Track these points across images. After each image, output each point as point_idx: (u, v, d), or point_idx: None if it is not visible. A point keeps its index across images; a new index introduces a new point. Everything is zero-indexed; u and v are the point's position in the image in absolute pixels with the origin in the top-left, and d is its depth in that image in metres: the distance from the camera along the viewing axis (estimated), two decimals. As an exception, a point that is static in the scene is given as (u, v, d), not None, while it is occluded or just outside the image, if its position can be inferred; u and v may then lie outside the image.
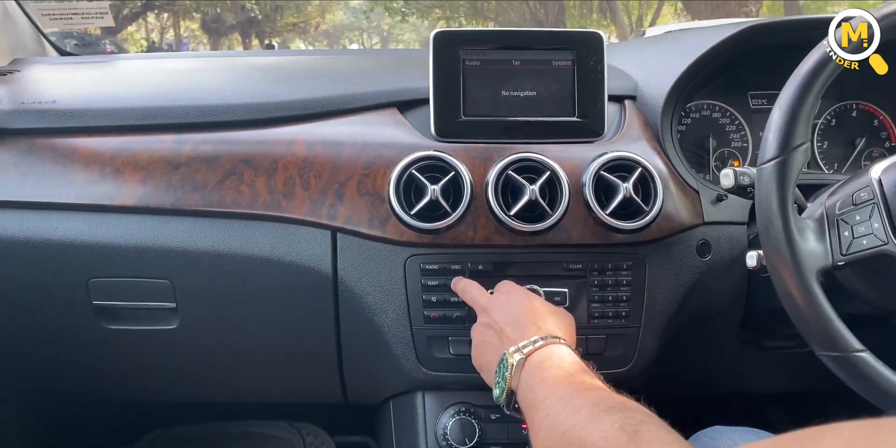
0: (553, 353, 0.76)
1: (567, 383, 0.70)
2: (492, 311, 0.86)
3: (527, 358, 0.76)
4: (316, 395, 1.18)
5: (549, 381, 0.71)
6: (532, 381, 0.73)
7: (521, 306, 0.84)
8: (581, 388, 0.69)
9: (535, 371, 0.74)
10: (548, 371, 0.73)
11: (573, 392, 0.68)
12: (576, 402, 0.66)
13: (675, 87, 1.06)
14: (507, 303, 0.86)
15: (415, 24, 19.45)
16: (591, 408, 0.63)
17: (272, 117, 1.03)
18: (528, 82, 1.02)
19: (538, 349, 0.76)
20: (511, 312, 0.84)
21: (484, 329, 0.86)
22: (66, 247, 0.98)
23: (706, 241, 1.02)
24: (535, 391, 0.72)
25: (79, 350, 1.10)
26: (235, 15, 16.93)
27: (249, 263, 0.98)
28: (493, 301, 0.88)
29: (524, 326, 0.81)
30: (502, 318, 0.84)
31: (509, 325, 0.82)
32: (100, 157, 0.99)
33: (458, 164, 0.95)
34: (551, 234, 0.96)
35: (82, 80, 1.12)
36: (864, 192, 0.79)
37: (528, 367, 0.75)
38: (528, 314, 0.83)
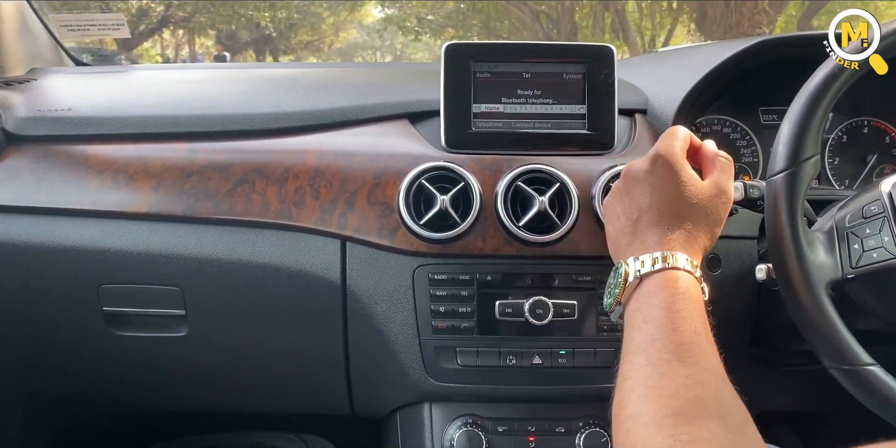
0: (667, 285, 0.70)
1: (663, 344, 0.65)
2: (628, 181, 0.79)
3: (642, 279, 0.72)
4: (323, 405, 1.18)
5: (652, 325, 0.68)
6: (639, 301, 0.71)
7: (661, 193, 0.76)
8: (674, 358, 0.64)
9: (646, 300, 0.71)
10: (656, 310, 0.69)
11: (662, 365, 0.64)
12: (656, 384, 0.62)
13: (686, 102, 1.06)
14: (645, 178, 0.77)
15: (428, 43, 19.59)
16: (666, 401, 0.60)
17: (284, 127, 1.05)
18: (538, 95, 1.03)
19: (655, 273, 0.72)
20: (644, 195, 0.77)
21: (619, 195, 0.80)
22: (78, 252, 0.99)
23: (716, 256, 1.02)
24: (639, 314, 0.69)
25: (88, 356, 1.10)
26: (250, 32, 17.13)
27: (259, 271, 0.99)
28: (633, 166, 0.80)
29: (652, 226, 0.75)
30: (635, 197, 0.77)
31: (638, 213, 0.76)
32: (113, 165, 1.00)
33: (467, 175, 0.96)
34: (560, 245, 0.96)
35: (98, 89, 1.14)
36: (874, 205, 0.78)
37: (640, 291, 0.72)
38: (663, 207, 0.75)
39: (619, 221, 0.79)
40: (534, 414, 1.01)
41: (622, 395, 0.65)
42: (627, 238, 0.77)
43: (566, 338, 0.98)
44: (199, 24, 14.79)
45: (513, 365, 0.97)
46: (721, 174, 0.79)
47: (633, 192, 0.78)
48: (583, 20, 16.24)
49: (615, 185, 0.83)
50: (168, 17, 13.03)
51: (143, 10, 11.32)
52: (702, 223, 0.76)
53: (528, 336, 0.97)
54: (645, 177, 0.78)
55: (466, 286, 0.97)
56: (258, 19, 16.16)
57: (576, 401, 1.02)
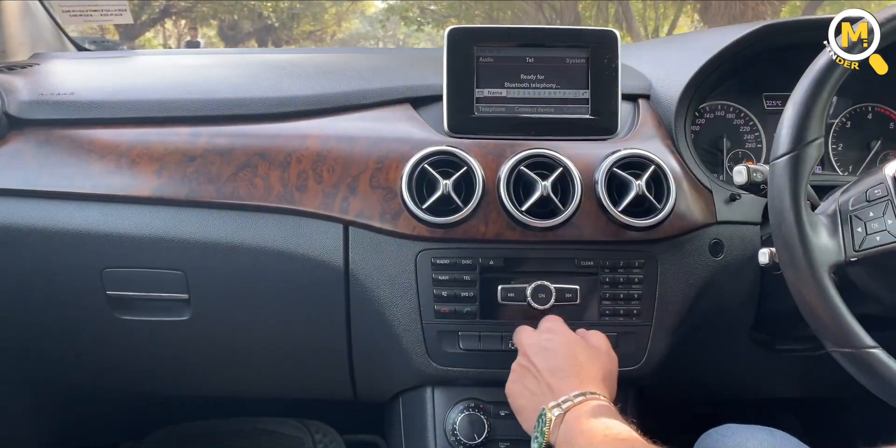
0: (592, 409, 0.76)
1: (603, 435, 0.71)
2: (531, 354, 0.86)
3: (565, 413, 0.77)
4: (326, 390, 1.18)
5: (587, 433, 0.72)
6: (570, 434, 0.74)
7: (563, 353, 0.84)
8: (617, 439, 0.70)
9: (574, 426, 0.75)
10: (586, 424, 0.74)
11: (609, 443, 0.70)
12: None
13: (689, 87, 1.06)
14: (546, 346, 0.86)
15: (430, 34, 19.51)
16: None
17: (286, 112, 1.04)
18: (541, 79, 1.03)
19: (577, 405, 0.77)
20: (551, 359, 0.84)
21: (522, 371, 0.87)
22: (81, 236, 0.99)
23: (719, 241, 1.02)
24: (573, 444, 0.73)
25: (92, 340, 1.11)
26: (252, 22, 17.06)
27: (262, 256, 0.99)
28: (532, 341, 0.88)
29: (564, 378, 0.81)
30: (542, 363, 0.84)
31: (549, 372, 0.82)
32: (116, 149, 1.00)
33: (470, 160, 0.96)
34: (563, 230, 0.96)
35: (100, 74, 1.14)
36: (878, 189, 0.78)
37: (567, 422, 0.76)
38: (569, 364, 0.83)
39: (527, 391, 0.85)
40: (536, 398, 1.01)
41: None
42: (545, 396, 0.81)
43: (568, 322, 0.97)
44: (201, 13, 14.74)
45: (515, 349, 0.97)
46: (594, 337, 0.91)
47: (537, 361, 0.85)
48: (586, 10, 16.15)
49: (514, 368, 0.89)
50: (170, 7, 12.99)
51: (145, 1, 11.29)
52: (603, 372, 0.85)
53: (530, 320, 0.97)
54: (544, 344, 0.87)
55: (469, 271, 0.97)
56: (260, 9, 16.09)
57: (578, 385, 1.02)
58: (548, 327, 0.90)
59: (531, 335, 0.90)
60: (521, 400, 0.85)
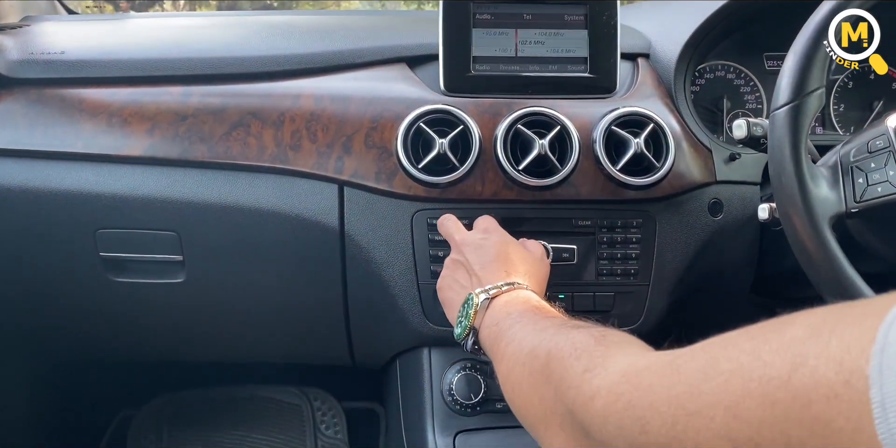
0: (519, 296, 0.75)
1: (532, 313, 0.70)
2: (465, 250, 0.85)
3: (492, 299, 0.75)
4: (323, 353, 1.18)
5: (514, 314, 0.71)
6: (496, 317, 0.73)
7: (496, 250, 0.83)
8: (546, 315, 0.69)
9: (501, 309, 0.74)
10: (513, 307, 0.73)
11: (538, 319, 0.68)
12: (542, 324, 0.66)
13: (689, 45, 1.04)
14: (481, 243, 0.84)
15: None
16: (558, 327, 0.64)
17: (279, 70, 1.03)
18: (539, 37, 1.01)
19: (504, 292, 0.76)
20: (484, 254, 0.83)
21: (455, 266, 0.86)
22: (74, 196, 0.97)
23: (718, 200, 1.01)
24: (500, 325, 0.71)
25: (86, 304, 1.10)
26: (251, 2, 16.93)
27: (256, 216, 0.98)
28: (467, 239, 0.86)
29: (494, 270, 0.80)
30: (474, 258, 0.83)
31: (480, 266, 0.81)
32: (107, 108, 0.98)
33: (466, 118, 0.94)
34: (560, 189, 0.95)
35: (91, 34, 1.12)
36: (879, 140, 0.77)
37: (493, 307, 0.75)
38: (500, 259, 0.82)
39: (456, 283, 0.84)
40: (533, 358, 1.01)
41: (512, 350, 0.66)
42: (473, 281, 0.81)
43: (565, 282, 0.97)
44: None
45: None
46: (530, 243, 0.90)
47: (470, 256, 0.83)
48: (588, -12, 15.96)
49: (446, 264, 0.88)
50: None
51: (141, -21, 11.20)
52: (532, 273, 0.82)
53: None
54: (479, 241, 0.85)
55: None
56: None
57: (575, 345, 1.02)
58: (483, 227, 0.88)
59: (465, 233, 0.88)
60: (450, 292, 0.85)
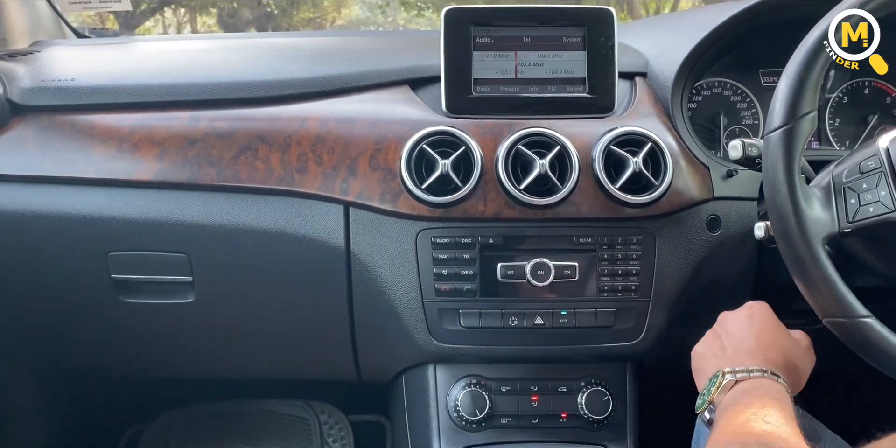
0: (762, 386, 0.75)
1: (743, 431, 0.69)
2: (727, 324, 0.86)
3: (737, 382, 0.76)
4: (329, 370, 1.20)
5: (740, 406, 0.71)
6: (730, 401, 0.74)
7: (757, 331, 0.83)
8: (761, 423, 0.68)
9: (738, 396, 0.74)
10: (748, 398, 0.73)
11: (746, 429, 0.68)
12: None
13: (685, 64, 1.06)
14: (746, 321, 0.85)
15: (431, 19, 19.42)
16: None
17: (285, 94, 1.05)
18: (538, 58, 1.03)
19: (751, 379, 0.76)
20: (746, 332, 0.83)
21: (714, 337, 0.86)
22: (85, 220, 1.00)
23: (716, 216, 1.02)
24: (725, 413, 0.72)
25: (97, 324, 1.12)
26: (252, 10, 16.95)
27: (264, 238, 1.00)
28: (735, 317, 0.87)
29: (751, 351, 0.80)
30: (735, 333, 0.83)
31: (737, 343, 0.82)
32: (117, 133, 1.01)
33: (468, 139, 0.96)
34: (561, 207, 0.97)
35: (101, 59, 1.14)
36: (871, 160, 0.79)
37: (734, 391, 0.75)
38: (759, 340, 0.81)
39: (711, 355, 0.84)
40: (536, 374, 1.03)
41: None
42: (725, 361, 0.80)
43: (567, 298, 0.99)
44: (200, 2, 14.67)
45: (515, 326, 0.99)
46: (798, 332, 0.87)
47: (731, 330, 0.84)
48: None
49: (707, 334, 0.88)
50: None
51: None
52: (791, 363, 0.81)
53: (529, 297, 0.98)
54: (744, 318, 0.85)
55: (468, 249, 0.98)
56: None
57: (577, 361, 1.04)
58: (751, 305, 0.88)
59: (734, 311, 0.88)
60: (703, 362, 0.84)
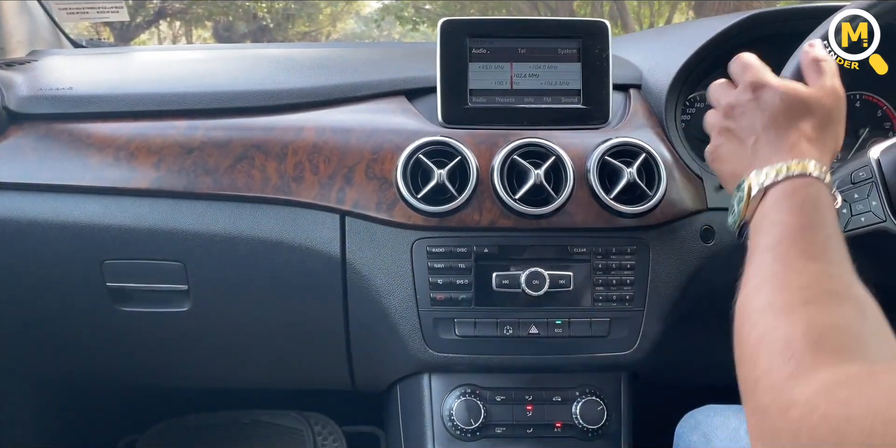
0: (795, 191, 0.65)
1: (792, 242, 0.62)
2: (734, 114, 0.74)
3: (766, 191, 0.67)
4: (324, 379, 1.20)
5: (779, 227, 0.63)
6: (765, 219, 0.66)
7: (771, 112, 0.71)
8: (804, 255, 0.61)
9: (772, 207, 0.66)
10: (784, 214, 0.64)
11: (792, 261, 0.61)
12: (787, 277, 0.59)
13: (679, 76, 1.07)
14: (752, 106, 0.72)
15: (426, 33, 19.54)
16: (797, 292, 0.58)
17: (282, 104, 1.06)
18: (533, 70, 1.04)
19: (781, 182, 0.66)
20: (756, 121, 0.71)
21: (726, 135, 0.76)
22: (81, 228, 1.00)
23: (710, 227, 1.03)
24: (759, 236, 0.65)
25: (92, 332, 1.12)
26: (247, 24, 17.02)
27: (260, 246, 1.00)
28: (732, 100, 0.74)
29: (773, 142, 0.70)
30: (746, 125, 0.72)
31: (755, 137, 0.71)
32: (114, 142, 1.01)
33: (464, 150, 0.97)
34: (556, 217, 0.98)
35: (98, 68, 1.15)
36: (862, 171, 0.80)
37: (765, 203, 0.67)
38: (784, 124, 0.70)
39: (733, 153, 0.74)
40: (531, 383, 1.03)
41: (748, 291, 0.61)
42: (748, 159, 0.71)
43: (562, 308, 0.99)
44: (195, 15, 14.71)
45: (510, 335, 0.99)
46: (823, 76, 0.73)
47: (741, 122, 0.73)
48: (581, 8, 16.16)
49: (715, 130, 0.78)
50: (165, 9, 12.97)
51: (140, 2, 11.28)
52: (820, 127, 0.71)
53: (524, 307, 0.99)
54: (748, 103, 0.73)
55: (464, 258, 0.98)
56: (255, 10, 16.05)
57: (572, 370, 1.04)
58: (749, 81, 0.74)
59: (732, 93, 0.76)
60: (724, 165, 0.76)
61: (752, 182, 0.68)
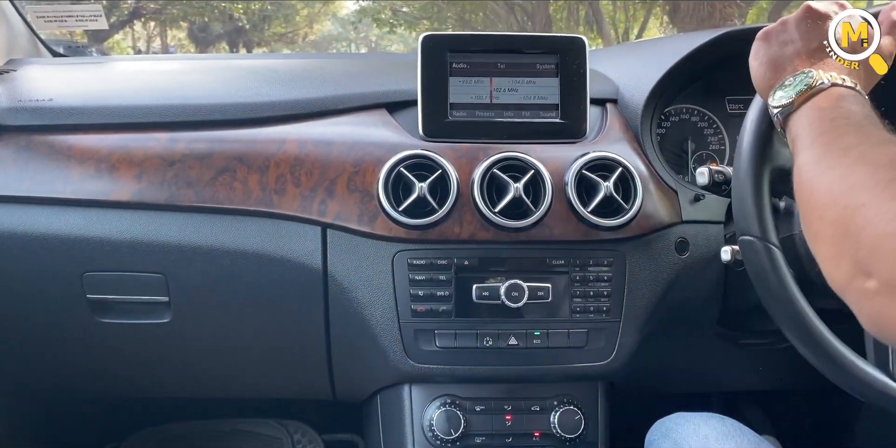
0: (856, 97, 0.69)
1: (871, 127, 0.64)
2: (792, 25, 0.78)
3: (810, 97, 0.70)
4: (305, 389, 1.20)
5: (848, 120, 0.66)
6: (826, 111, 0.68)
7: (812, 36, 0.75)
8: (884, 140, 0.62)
9: (839, 100, 0.69)
10: (852, 105, 0.67)
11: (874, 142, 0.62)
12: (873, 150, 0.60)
13: (655, 91, 1.09)
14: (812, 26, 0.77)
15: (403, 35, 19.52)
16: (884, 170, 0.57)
17: (264, 117, 1.06)
18: (513, 84, 1.06)
19: (844, 86, 0.70)
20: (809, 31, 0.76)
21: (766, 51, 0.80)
22: (62, 241, 1.00)
23: (684, 239, 1.05)
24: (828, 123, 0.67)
25: (72, 344, 1.12)
26: (223, 24, 16.91)
27: (241, 258, 1.01)
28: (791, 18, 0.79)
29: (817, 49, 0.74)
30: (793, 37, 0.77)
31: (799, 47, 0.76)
32: (95, 154, 1.01)
33: (444, 163, 0.99)
34: (535, 230, 0.99)
35: (78, 79, 1.15)
36: None
37: (829, 95, 0.70)
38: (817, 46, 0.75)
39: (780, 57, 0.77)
40: (510, 393, 1.05)
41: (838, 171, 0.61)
42: (800, 59, 0.75)
43: (541, 319, 1.01)
44: (171, 15, 14.58)
45: (490, 346, 1.00)
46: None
47: (779, 38, 0.78)
48: (557, 12, 16.25)
49: (754, 49, 0.81)
50: (139, 9, 12.85)
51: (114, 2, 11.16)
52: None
53: (504, 318, 1.00)
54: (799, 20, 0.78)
55: (444, 271, 1.00)
56: (231, 11, 15.94)
57: (550, 380, 1.06)
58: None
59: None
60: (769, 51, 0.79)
61: (822, 75, 0.71)
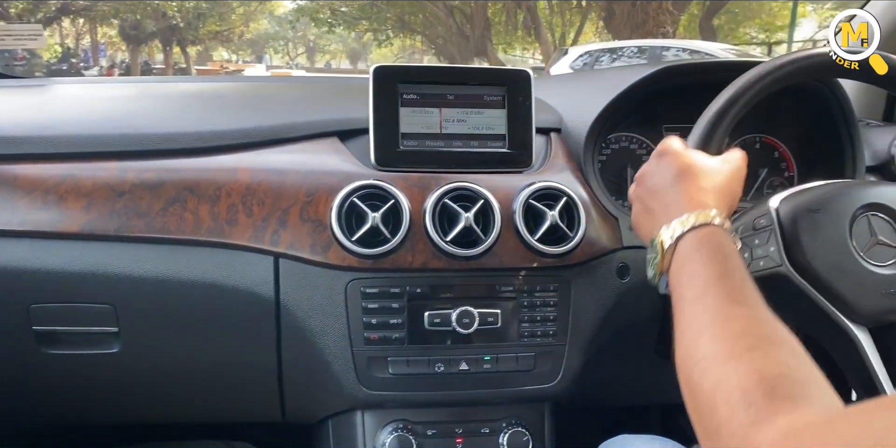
0: (703, 241, 0.72)
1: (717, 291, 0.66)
2: (644, 180, 0.83)
3: (678, 243, 0.73)
4: (255, 414, 1.21)
5: (700, 278, 0.69)
6: (682, 271, 0.71)
7: (673, 173, 0.79)
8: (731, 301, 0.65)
9: (687, 258, 0.72)
10: (698, 265, 0.70)
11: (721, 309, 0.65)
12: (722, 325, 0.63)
13: (597, 122, 1.14)
14: (655, 171, 0.82)
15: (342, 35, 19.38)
16: (737, 339, 0.61)
17: (215, 145, 1.06)
18: (461, 115, 1.09)
19: (689, 232, 0.73)
20: (660, 181, 0.80)
21: (636, 201, 0.84)
22: (8, 273, 0.98)
23: (625, 264, 1.10)
24: (683, 288, 0.69)
25: (18, 375, 1.09)
26: (156, 22, 16.51)
27: (193, 288, 1.01)
28: (644, 171, 0.84)
29: (675, 197, 0.77)
30: (651, 187, 0.81)
31: (660, 198, 0.79)
32: (42, 184, 1.00)
33: (397, 193, 1.01)
34: (485, 258, 1.02)
35: (22, 107, 1.13)
36: (763, 218, 0.88)
37: (678, 255, 0.73)
38: (679, 182, 0.78)
39: (646, 217, 0.81)
40: (461, 417, 1.08)
41: (689, 341, 0.65)
42: (658, 219, 0.78)
43: (491, 344, 1.05)
44: (101, 13, 14.15)
45: (441, 372, 1.03)
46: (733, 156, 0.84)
47: (648, 185, 0.82)
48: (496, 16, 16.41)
49: (632, 199, 0.86)
50: (68, 6, 12.43)
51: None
52: (718, 184, 0.79)
53: (455, 344, 1.03)
54: (653, 169, 0.82)
55: (397, 299, 1.02)
56: (164, 9, 15.57)
57: (500, 403, 1.09)
58: (659, 151, 0.84)
59: (644, 165, 0.86)
60: (641, 230, 0.83)
61: (663, 237, 0.74)
